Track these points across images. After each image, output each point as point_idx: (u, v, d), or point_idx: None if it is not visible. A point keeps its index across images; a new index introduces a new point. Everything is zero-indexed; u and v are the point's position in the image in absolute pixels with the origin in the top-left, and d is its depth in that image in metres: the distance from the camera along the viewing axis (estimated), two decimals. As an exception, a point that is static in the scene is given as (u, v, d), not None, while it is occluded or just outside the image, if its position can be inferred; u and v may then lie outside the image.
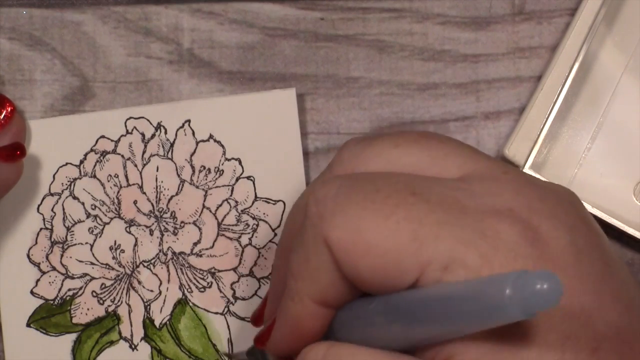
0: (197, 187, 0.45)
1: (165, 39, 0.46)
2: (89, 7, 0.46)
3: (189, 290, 0.44)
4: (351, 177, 0.31)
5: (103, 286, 0.44)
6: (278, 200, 0.45)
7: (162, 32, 0.46)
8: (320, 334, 0.33)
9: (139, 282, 0.44)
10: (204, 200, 0.45)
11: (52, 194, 0.45)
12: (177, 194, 0.45)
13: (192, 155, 0.45)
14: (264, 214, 0.45)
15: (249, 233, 0.45)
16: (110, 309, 0.44)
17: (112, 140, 0.45)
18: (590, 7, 0.45)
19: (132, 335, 0.44)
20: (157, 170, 0.45)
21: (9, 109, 0.43)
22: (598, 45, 0.45)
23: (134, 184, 0.45)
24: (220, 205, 0.45)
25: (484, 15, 0.47)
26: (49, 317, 0.44)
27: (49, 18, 0.46)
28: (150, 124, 0.45)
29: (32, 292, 0.44)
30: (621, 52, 0.46)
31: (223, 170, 0.45)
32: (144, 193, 0.45)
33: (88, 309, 0.44)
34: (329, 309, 0.32)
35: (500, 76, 0.46)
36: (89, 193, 0.45)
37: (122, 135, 0.45)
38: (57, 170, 0.45)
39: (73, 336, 0.44)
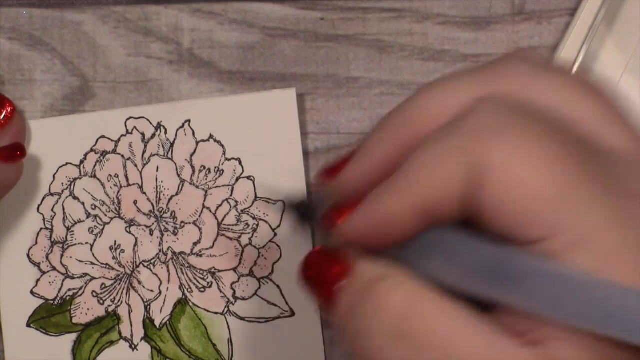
0: (197, 187, 0.45)
1: (165, 39, 0.46)
2: (89, 7, 0.46)
3: (189, 290, 0.44)
4: (523, 106, 0.29)
5: (103, 286, 0.44)
6: (278, 200, 0.45)
7: (162, 32, 0.46)
8: (402, 240, 0.30)
9: (139, 282, 0.44)
10: (204, 200, 0.45)
11: (52, 194, 0.45)
12: (177, 194, 0.45)
13: (192, 155, 0.45)
14: (264, 214, 0.45)
15: (249, 233, 0.45)
16: (110, 309, 0.44)
17: (112, 140, 0.45)
18: (590, 7, 0.45)
19: (132, 335, 0.44)
20: (157, 170, 0.45)
21: (9, 109, 0.43)
22: (598, 45, 0.45)
23: (134, 184, 0.45)
24: (220, 205, 0.45)
25: (484, 15, 0.47)
26: (49, 317, 0.44)
27: (49, 18, 0.46)
28: (151, 124, 0.45)
29: (32, 292, 0.44)
30: (621, 52, 0.46)
31: (223, 170, 0.45)
32: (144, 193, 0.45)
33: (88, 309, 0.44)
34: (427, 224, 0.29)
35: (500, 76, 0.46)
36: (89, 193, 0.45)
37: (122, 135, 0.45)
38: (57, 170, 0.45)
39: (73, 336, 0.44)
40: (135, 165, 0.45)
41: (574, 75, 0.31)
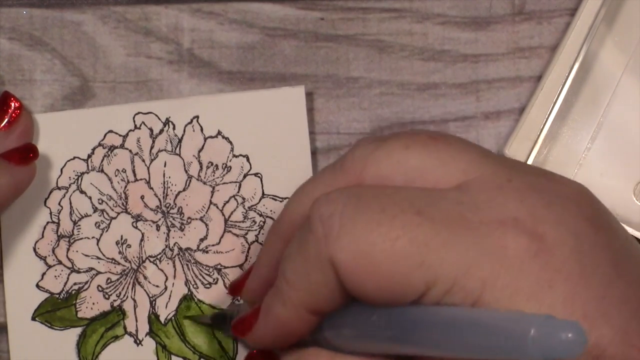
0: (204, 183, 0.45)
1: (165, 39, 0.46)
2: (89, 7, 0.46)
3: (195, 286, 0.44)
4: (356, 193, 0.32)
5: (109, 281, 0.44)
6: (285, 198, 0.45)
7: (162, 32, 0.46)
8: (305, 336, 0.34)
9: (145, 277, 0.44)
10: (211, 197, 0.45)
11: (59, 188, 0.45)
12: (184, 189, 0.45)
13: (200, 151, 0.45)
14: (271, 211, 0.45)
15: (255, 230, 0.45)
16: (115, 304, 0.44)
17: (120, 135, 0.45)
18: (590, 7, 0.45)
19: (137, 330, 0.44)
20: (165, 166, 0.45)
21: (16, 106, 0.43)
22: (598, 45, 0.45)
23: (141, 179, 0.45)
24: (228, 201, 0.45)
25: (484, 15, 0.47)
26: (54, 311, 0.44)
27: (49, 18, 0.46)
28: (159, 119, 0.45)
29: (37, 286, 0.44)
30: (621, 52, 0.46)
31: (231, 167, 0.45)
32: (151, 188, 0.45)
33: (93, 304, 0.44)
34: (318, 317, 0.33)
35: (500, 76, 0.46)
36: (96, 187, 0.45)
37: (130, 130, 0.45)
38: (65, 164, 0.45)
39: (78, 330, 0.44)
40: (143, 161, 0.45)
41: (409, 135, 0.33)
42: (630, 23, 0.46)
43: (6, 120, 0.43)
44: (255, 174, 0.45)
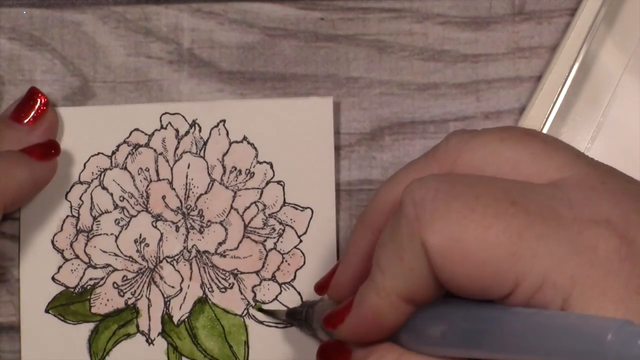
0: (226, 187, 0.45)
1: (165, 39, 0.46)
2: (89, 7, 0.46)
3: (210, 289, 0.44)
4: (450, 179, 0.31)
5: (125, 278, 0.44)
6: (306, 207, 0.45)
7: (162, 32, 0.46)
8: (397, 328, 0.33)
9: (161, 277, 0.44)
10: (233, 201, 0.45)
11: (81, 182, 0.45)
12: (206, 192, 0.45)
13: (224, 155, 0.45)
14: (291, 219, 0.45)
15: (274, 237, 0.45)
16: (130, 302, 0.44)
17: (145, 134, 0.45)
18: (590, 7, 0.45)
19: (149, 330, 0.44)
20: (188, 168, 0.45)
21: (42, 101, 0.43)
22: (598, 45, 0.45)
23: (163, 179, 0.45)
24: (248, 207, 0.45)
25: (484, 15, 0.47)
26: (68, 304, 0.44)
27: (49, 18, 0.46)
28: (186, 120, 0.45)
29: (53, 279, 0.44)
30: (621, 52, 0.46)
31: (254, 173, 0.45)
32: (173, 189, 0.45)
33: (108, 300, 0.44)
34: (413, 307, 0.32)
35: (500, 76, 0.46)
36: (118, 184, 0.45)
37: (156, 130, 0.45)
38: (89, 159, 0.45)
39: (90, 326, 0.44)
40: (167, 161, 0.45)
41: (504, 128, 0.33)
42: (630, 23, 0.46)
43: (32, 115, 0.43)
44: (278, 182, 0.45)
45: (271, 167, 0.45)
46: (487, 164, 0.32)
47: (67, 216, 0.45)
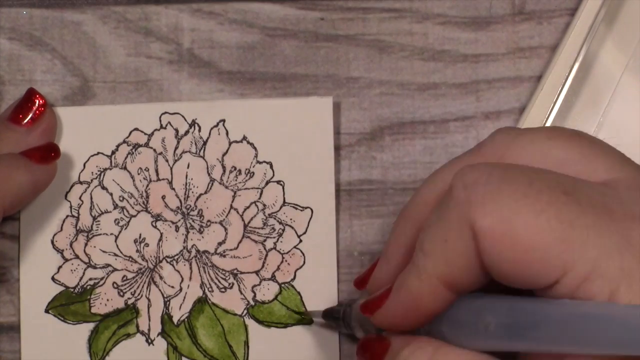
0: (226, 187, 0.45)
1: (165, 39, 0.46)
2: (89, 7, 0.46)
3: (210, 289, 0.44)
4: (503, 165, 0.31)
5: (124, 278, 0.44)
6: (306, 207, 0.45)
7: (162, 32, 0.46)
8: (435, 315, 0.32)
9: (161, 277, 0.44)
10: (232, 201, 0.45)
11: (81, 182, 0.45)
12: (205, 192, 0.45)
13: (224, 155, 0.45)
14: (290, 219, 0.45)
15: (274, 237, 0.45)
16: (129, 302, 0.44)
17: (145, 134, 0.45)
18: (590, 7, 0.45)
19: (149, 330, 0.44)
20: (188, 167, 0.45)
21: (40, 102, 0.43)
22: (598, 45, 0.45)
23: (163, 179, 0.45)
24: (248, 207, 0.45)
25: (484, 15, 0.47)
26: (68, 304, 0.44)
27: (49, 18, 0.46)
28: (185, 120, 0.45)
29: (53, 279, 0.44)
30: (621, 52, 0.46)
31: (254, 173, 0.45)
32: (173, 189, 0.45)
33: (108, 300, 0.44)
34: (453, 294, 0.32)
35: (500, 76, 0.46)
36: (118, 184, 0.45)
37: (155, 130, 0.45)
38: (88, 159, 0.45)
39: (90, 326, 0.44)
40: (167, 161, 0.45)
41: (551, 128, 0.34)
42: (630, 23, 0.46)
43: (30, 116, 0.43)
44: (278, 182, 0.45)
45: (271, 167, 0.45)
46: (534, 162, 0.32)
47: (67, 216, 0.45)
